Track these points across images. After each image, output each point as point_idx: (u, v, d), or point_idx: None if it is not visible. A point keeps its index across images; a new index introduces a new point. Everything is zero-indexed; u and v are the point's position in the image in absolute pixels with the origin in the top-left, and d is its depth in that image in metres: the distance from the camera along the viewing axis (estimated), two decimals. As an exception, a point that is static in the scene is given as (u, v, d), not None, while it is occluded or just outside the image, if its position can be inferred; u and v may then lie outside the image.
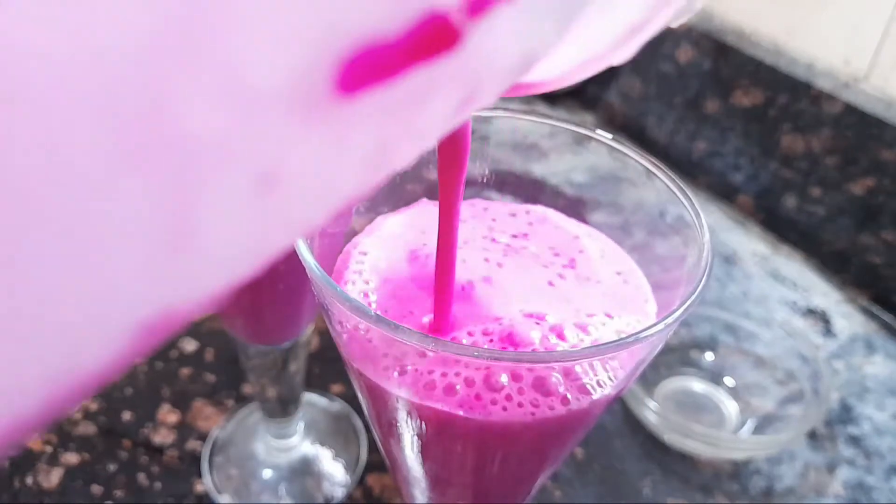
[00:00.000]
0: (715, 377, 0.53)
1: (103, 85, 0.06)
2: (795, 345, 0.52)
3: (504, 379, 0.21)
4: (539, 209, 0.29)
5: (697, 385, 0.53)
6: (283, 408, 0.44)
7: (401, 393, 0.22)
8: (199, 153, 0.07)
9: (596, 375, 0.22)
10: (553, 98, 0.89)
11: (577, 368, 0.22)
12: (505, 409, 0.21)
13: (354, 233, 0.28)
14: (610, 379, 0.22)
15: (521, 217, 0.29)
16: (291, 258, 0.22)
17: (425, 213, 0.29)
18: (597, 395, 0.22)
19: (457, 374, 0.21)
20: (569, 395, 0.21)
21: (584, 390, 0.22)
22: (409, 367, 0.22)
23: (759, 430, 0.49)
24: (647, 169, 0.26)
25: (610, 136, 0.27)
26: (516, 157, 0.29)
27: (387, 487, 0.46)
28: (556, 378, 0.21)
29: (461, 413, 0.21)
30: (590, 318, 0.24)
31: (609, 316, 0.24)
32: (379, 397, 0.23)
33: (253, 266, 0.09)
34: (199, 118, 0.07)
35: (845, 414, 0.52)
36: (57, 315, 0.07)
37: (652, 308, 0.26)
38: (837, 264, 0.65)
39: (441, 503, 0.29)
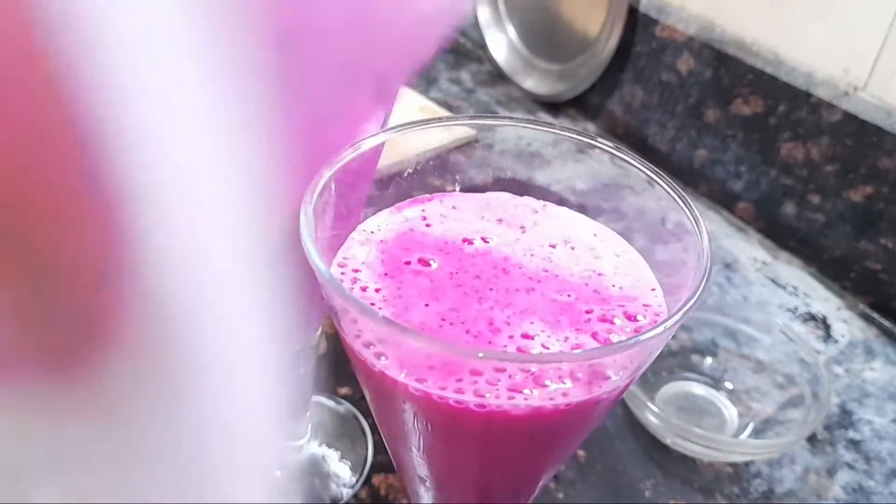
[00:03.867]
0: (715, 381, 0.53)
1: None
2: (795, 350, 0.52)
3: (510, 376, 0.22)
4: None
5: (698, 389, 0.53)
6: (291, 410, 0.45)
7: (408, 389, 0.23)
8: None
9: (596, 376, 0.22)
10: (556, 107, 0.89)
11: (578, 368, 0.22)
12: (511, 405, 0.22)
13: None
14: (610, 380, 0.23)
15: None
16: (300, 260, 0.22)
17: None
18: (598, 395, 0.22)
19: (466, 373, 0.22)
20: (570, 395, 0.22)
21: (585, 391, 0.22)
22: (414, 370, 0.22)
23: (759, 433, 0.50)
24: (649, 176, 0.27)
25: (612, 144, 0.28)
26: (520, 165, 0.30)
27: (393, 488, 0.46)
28: (557, 377, 0.22)
29: (471, 407, 0.22)
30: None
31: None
32: (387, 398, 0.24)
33: None
34: None
35: (845, 418, 0.53)
36: None
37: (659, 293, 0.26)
38: (837, 271, 0.66)
39: (446, 503, 0.30)
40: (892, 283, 0.61)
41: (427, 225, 0.28)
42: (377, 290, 0.25)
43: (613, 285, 0.26)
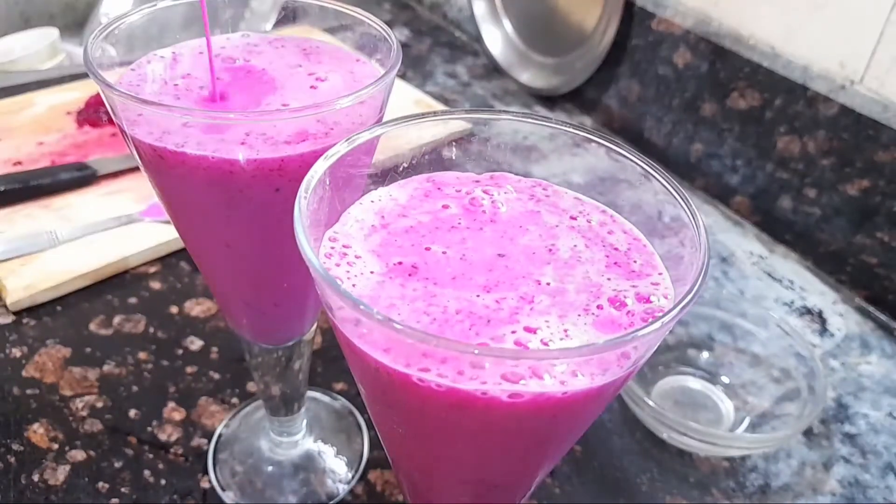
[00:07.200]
0: (712, 376, 0.53)
1: None
2: (792, 344, 0.52)
3: (506, 369, 0.22)
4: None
5: (694, 383, 0.53)
6: (286, 405, 0.45)
7: (403, 380, 0.22)
8: None
9: (592, 370, 0.22)
10: (552, 101, 0.89)
11: (574, 364, 0.22)
12: (506, 392, 0.21)
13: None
14: (607, 373, 0.22)
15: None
16: (295, 257, 0.22)
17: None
18: (594, 387, 0.22)
19: (455, 366, 0.22)
20: (567, 386, 0.22)
21: (583, 383, 0.22)
22: (411, 361, 0.22)
23: (755, 427, 0.50)
24: (645, 170, 0.27)
25: (608, 138, 0.28)
26: (516, 159, 0.30)
27: (388, 483, 0.46)
28: (552, 370, 0.22)
29: (468, 392, 0.22)
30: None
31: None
32: (382, 392, 0.24)
33: None
34: None
35: (841, 412, 0.53)
36: None
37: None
38: (833, 264, 0.66)
39: (442, 501, 0.30)
40: (888, 277, 0.62)
41: (429, 195, 0.28)
42: (379, 261, 0.25)
43: (635, 262, 0.26)
